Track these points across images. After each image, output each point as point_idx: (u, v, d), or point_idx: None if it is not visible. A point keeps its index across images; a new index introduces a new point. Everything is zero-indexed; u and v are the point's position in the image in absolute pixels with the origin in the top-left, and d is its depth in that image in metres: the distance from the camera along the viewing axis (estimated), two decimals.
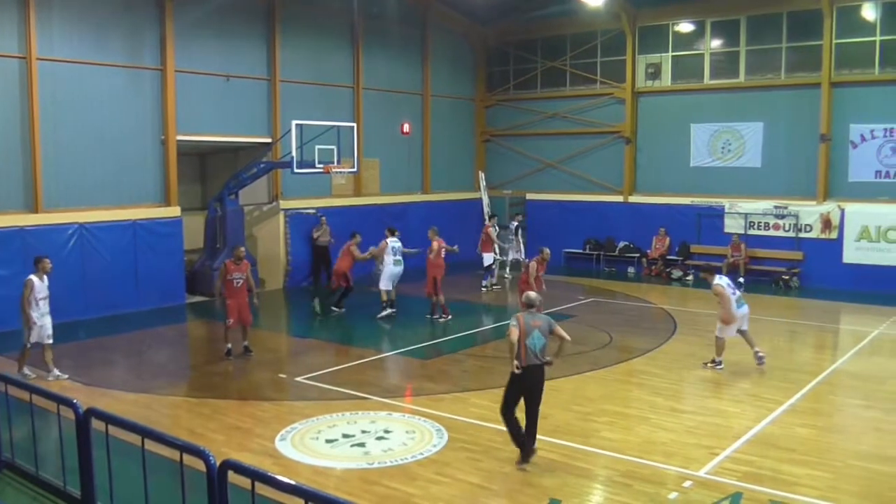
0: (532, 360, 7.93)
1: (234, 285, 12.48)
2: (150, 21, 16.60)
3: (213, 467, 5.09)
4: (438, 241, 15.79)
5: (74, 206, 15.53)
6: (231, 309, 12.47)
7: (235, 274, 12.49)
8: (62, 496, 6.82)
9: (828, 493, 7.26)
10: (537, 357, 7.95)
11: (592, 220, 22.98)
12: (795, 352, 13.60)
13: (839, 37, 19.05)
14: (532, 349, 7.92)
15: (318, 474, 7.80)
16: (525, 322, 8.02)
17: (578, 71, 23.44)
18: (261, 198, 19.67)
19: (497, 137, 25.21)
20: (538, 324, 8.04)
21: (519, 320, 8.04)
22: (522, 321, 8.02)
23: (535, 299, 8.34)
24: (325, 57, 20.38)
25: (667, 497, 7.24)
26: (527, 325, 7.99)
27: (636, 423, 9.41)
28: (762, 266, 20.20)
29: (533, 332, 7.95)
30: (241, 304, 12.54)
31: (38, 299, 11.02)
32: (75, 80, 15.48)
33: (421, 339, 14.37)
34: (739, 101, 20.77)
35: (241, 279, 12.53)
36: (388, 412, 9.72)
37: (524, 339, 7.92)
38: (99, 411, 6.39)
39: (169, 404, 10.37)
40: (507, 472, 7.83)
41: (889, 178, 18.70)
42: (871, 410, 9.93)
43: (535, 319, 8.08)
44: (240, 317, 12.57)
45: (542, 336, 7.99)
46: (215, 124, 17.99)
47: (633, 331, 14.70)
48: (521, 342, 7.92)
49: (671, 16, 21.58)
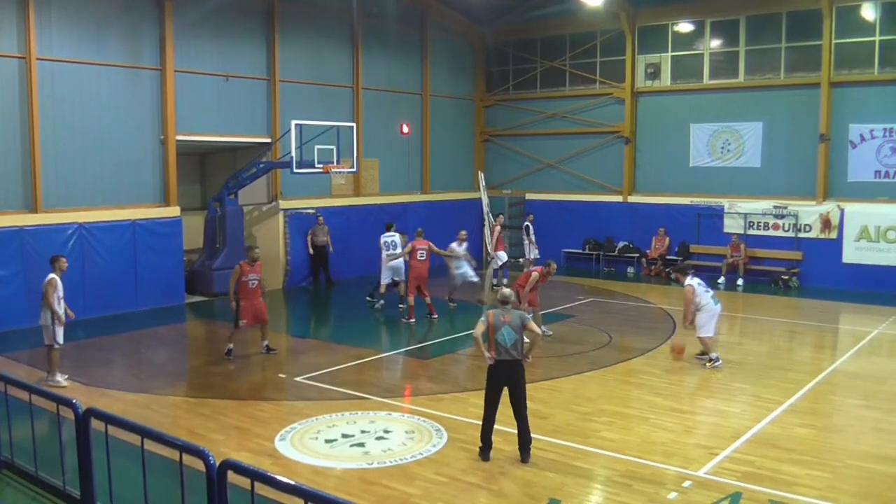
0: (503, 356, 8.01)
1: (250, 287, 12.43)
2: (150, 21, 16.60)
3: (212, 467, 5.09)
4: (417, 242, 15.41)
5: (74, 206, 15.53)
6: (245, 311, 12.39)
7: (251, 275, 12.42)
8: (62, 496, 6.82)
9: (827, 493, 7.27)
10: (508, 353, 8.01)
11: (592, 220, 22.99)
12: (795, 352, 13.60)
13: (839, 37, 19.05)
14: (503, 344, 8.00)
15: (318, 474, 7.80)
16: (495, 317, 8.10)
17: (578, 71, 23.44)
18: (260, 198, 19.67)
19: (496, 137, 25.22)
20: (508, 319, 8.09)
21: (488, 317, 8.15)
22: (492, 317, 8.12)
23: (510, 295, 8.43)
24: (324, 57, 20.38)
25: (666, 497, 7.24)
26: (496, 321, 8.07)
27: (635, 423, 9.41)
28: (762, 266, 20.21)
29: (503, 328, 8.02)
30: (255, 306, 12.51)
31: (59, 297, 11.06)
32: (74, 79, 15.48)
33: (421, 339, 14.38)
34: (739, 101, 20.77)
35: (257, 280, 12.50)
36: (387, 412, 9.72)
37: (493, 335, 8.02)
38: (98, 411, 6.38)
39: (168, 404, 10.37)
40: (507, 472, 7.83)
41: (888, 178, 18.71)
42: (870, 410, 9.93)
43: (505, 315, 8.14)
44: (256, 317, 12.55)
45: (512, 332, 8.03)
46: (214, 124, 17.98)
47: (632, 331, 14.70)
48: (491, 337, 8.03)
49: (671, 16, 21.59)
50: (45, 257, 14.56)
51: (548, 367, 11.85)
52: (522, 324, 8.14)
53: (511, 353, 8.01)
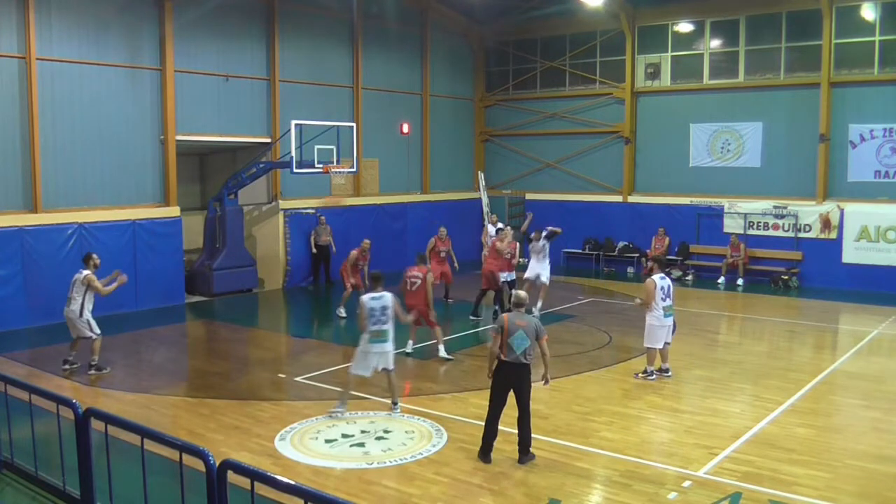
0: (513, 359, 7.89)
1: (440, 256, 16.04)
2: (150, 21, 16.60)
3: (212, 467, 5.09)
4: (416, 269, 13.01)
5: (74, 206, 15.53)
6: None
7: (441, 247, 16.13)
8: (62, 496, 6.82)
9: (827, 493, 7.27)
10: (517, 357, 7.88)
11: (592, 220, 22.99)
12: (794, 352, 13.60)
13: (838, 37, 19.05)
14: (515, 349, 7.87)
15: (318, 474, 7.80)
16: (510, 322, 7.98)
17: (578, 71, 23.44)
18: (260, 198, 19.67)
19: (496, 137, 25.22)
20: (523, 324, 7.97)
21: (504, 321, 8.02)
22: (507, 321, 7.99)
23: (524, 298, 8.35)
24: (324, 57, 20.38)
25: (666, 497, 7.24)
26: (511, 325, 7.94)
27: (635, 422, 9.41)
28: (761, 266, 20.21)
29: (517, 332, 7.89)
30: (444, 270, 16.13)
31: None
32: (74, 79, 15.48)
33: (421, 339, 14.37)
34: (739, 101, 20.78)
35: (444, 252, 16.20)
36: (387, 412, 9.72)
37: (507, 338, 7.89)
38: (98, 411, 6.39)
39: (168, 404, 10.37)
40: (507, 472, 7.83)
41: (888, 178, 18.71)
42: (870, 410, 9.94)
43: (520, 319, 8.03)
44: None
45: (526, 337, 7.90)
46: (214, 124, 17.98)
47: (632, 331, 14.66)
48: (504, 340, 7.90)
49: (670, 16, 21.59)
50: (45, 257, 14.74)
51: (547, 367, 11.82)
52: (537, 334, 7.99)
53: (520, 358, 7.89)
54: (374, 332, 9.33)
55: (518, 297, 8.37)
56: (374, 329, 9.33)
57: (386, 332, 9.39)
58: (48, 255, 14.81)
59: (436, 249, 16.64)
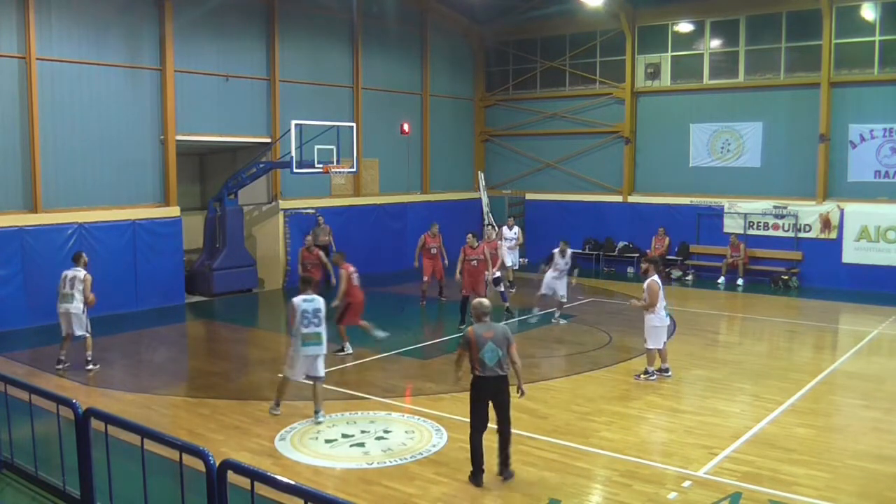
0: (488, 373, 7.39)
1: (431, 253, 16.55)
2: (150, 21, 16.60)
3: (212, 467, 5.09)
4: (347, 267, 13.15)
5: (74, 206, 15.53)
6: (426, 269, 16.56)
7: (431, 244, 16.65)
8: (62, 496, 6.81)
9: (827, 493, 7.27)
10: (493, 370, 7.38)
11: (592, 220, 22.99)
12: (794, 352, 13.60)
13: (838, 37, 19.05)
14: (488, 362, 7.37)
15: (318, 474, 7.81)
16: (476, 335, 7.45)
17: (578, 71, 23.44)
18: (260, 198, 19.67)
19: (496, 137, 25.21)
20: (490, 335, 7.45)
21: (469, 335, 7.49)
22: (473, 336, 7.46)
23: (487, 307, 7.73)
24: (324, 57, 20.38)
25: (666, 497, 7.24)
26: (478, 339, 7.42)
27: (635, 422, 9.41)
28: (761, 266, 20.20)
29: (486, 345, 7.38)
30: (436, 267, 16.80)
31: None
32: (74, 80, 15.48)
33: (421, 339, 14.37)
34: (739, 101, 20.78)
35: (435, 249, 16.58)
36: (387, 412, 9.72)
37: (477, 354, 7.40)
38: (98, 411, 6.38)
39: (168, 404, 10.37)
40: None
41: (888, 178, 18.71)
42: (870, 410, 9.93)
43: (486, 330, 7.51)
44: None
45: (497, 347, 7.40)
46: (214, 124, 17.98)
47: (632, 331, 14.65)
48: (475, 357, 7.42)
49: (670, 16, 21.59)
50: (45, 257, 14.73)
51: (548, 367, 11.85)
52: (507, 342, 7.49)
53: (495, 370, 7.40)
54: (306, 334, 9.16)
55: (479, 306, 7.71)
56: (307, 332, 9.15)
57: (319, 335, 9.22)
58: (48, 255, 14.80)
59: (426, 247, 16.66)
